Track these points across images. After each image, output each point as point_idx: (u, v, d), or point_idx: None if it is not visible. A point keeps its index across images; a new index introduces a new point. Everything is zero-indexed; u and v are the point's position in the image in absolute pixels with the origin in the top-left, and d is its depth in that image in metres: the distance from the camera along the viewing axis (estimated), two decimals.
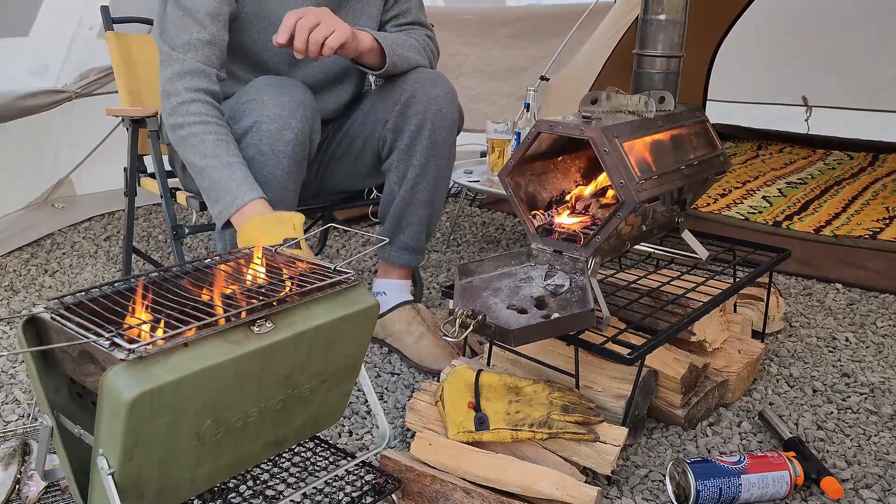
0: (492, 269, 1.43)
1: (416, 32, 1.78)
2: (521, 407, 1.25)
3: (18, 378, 1.63)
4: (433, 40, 1.81)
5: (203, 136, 1.49)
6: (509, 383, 1.31)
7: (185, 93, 1.51)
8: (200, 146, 1.49)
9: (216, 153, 1.48)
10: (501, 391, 1.29)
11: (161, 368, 0.80)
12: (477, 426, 1.24)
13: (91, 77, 2.62)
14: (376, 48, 1.61)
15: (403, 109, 1.65)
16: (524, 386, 1.30)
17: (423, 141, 1.66)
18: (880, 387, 1.65)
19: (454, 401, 1.28)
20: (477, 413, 1.25)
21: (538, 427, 1.22)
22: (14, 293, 2.14)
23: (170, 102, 1.53)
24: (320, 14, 1.49)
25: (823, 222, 2.71)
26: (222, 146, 1.49)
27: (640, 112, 1.48)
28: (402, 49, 1.66)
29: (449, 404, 1.28)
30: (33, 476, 1.20)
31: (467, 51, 3.79)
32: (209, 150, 1.48)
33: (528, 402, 1.26)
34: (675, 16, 1.54)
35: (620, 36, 2.91)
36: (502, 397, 1.28)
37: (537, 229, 1.44)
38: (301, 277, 1.01)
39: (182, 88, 1.51)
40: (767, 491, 1.23)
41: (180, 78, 1.52)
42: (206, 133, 1.49)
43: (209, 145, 1.48)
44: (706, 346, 1.53)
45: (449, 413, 1.27)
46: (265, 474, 1.16)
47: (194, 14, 1.53)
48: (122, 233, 2.56)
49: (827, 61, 4.01)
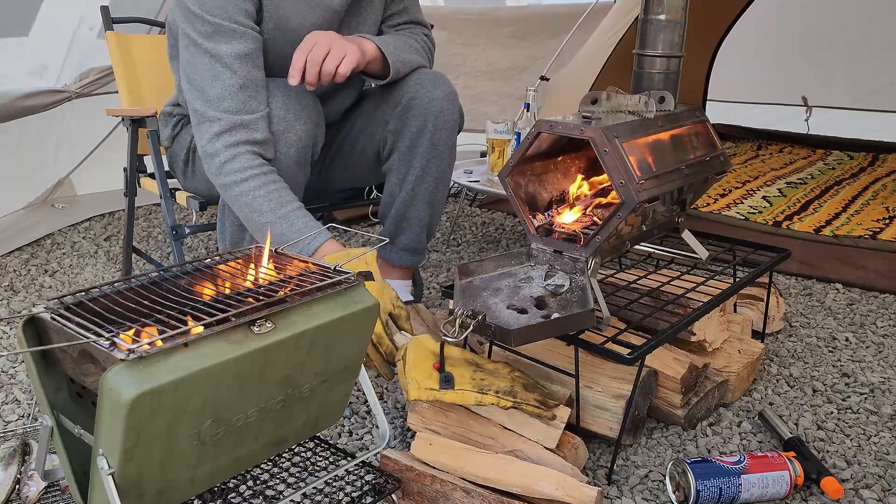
0: (492, 269, 1.43)
1: (414, 31, 1.77)
2: (485, 376, 1.24)
3: (18, 378, 1.63)
4: (430, 38, 1.81)
5: (254, 193, 1.45)
6: (470, 358, 1.30)
7: (225, 151, 1.46)
8: (254, 203, 1.45)
9: (270, 207, 1.44)
10: (464, 363, 1.28)
11: (161, 368, 0.80)
12: (442, 384, 1.21)
13: (91, 77, 2.62)
14: (379, 56, 1.60)
15: (404, 111, 1.65)
16: (485, 363, 1.29)
17: (424, 143, 1.66)
18: (880, 387, 1.65)
19: (417, 363, 1.25)
20: (442, 373, 1.23)
21: (503, 395, 1.22)
22: (14, 293, 2.14)
23: (214, 164, 1.48)
24: (328, 42, 1.47)
25: (823, 222, 2.71)
26: (274, 198, 1.45)
27: (640, 112, 1.48)
28: (404, 53, 1.66)
29: (411, 366, 1.25)
30: (33, 476, 1.20)
31: (467, 51, 3.80)
32: (263, 206, 1.45)
33: (491, 373, 1.26)
34: (675, 16, 1.54)
35: (620, 36, 2.91)
36: (464, 367, 1.26)
37: (537, 229, 1.44)
38: (301, 277, 1.01)
39: (221, 147, 1.47)
40: (767, 491, 1.23)
41: (218, 137, 1.47)
42: (255, 189, 1.45)
43: (261, 201, 1.45)
44: (706, 346, 1.53)
45: (410, 373, 1.24)
46: (265, 474, 1.16)
47: (223, 60, 1.47)
48: (122, 233, 2.56)
49: (827, 61, 4.01)
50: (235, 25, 1.47)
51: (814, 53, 4.02)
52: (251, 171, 1.46)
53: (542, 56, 3.49)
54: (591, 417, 1.36)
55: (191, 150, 1.74)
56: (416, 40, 1.74)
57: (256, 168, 1.47)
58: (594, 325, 1.27)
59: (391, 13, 1.77)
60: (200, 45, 1.48)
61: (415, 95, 1.64)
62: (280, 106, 1.50)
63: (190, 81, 1.51)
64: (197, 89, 1.49)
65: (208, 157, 1.49)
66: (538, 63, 3.47)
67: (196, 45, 1.48)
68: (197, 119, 1.50)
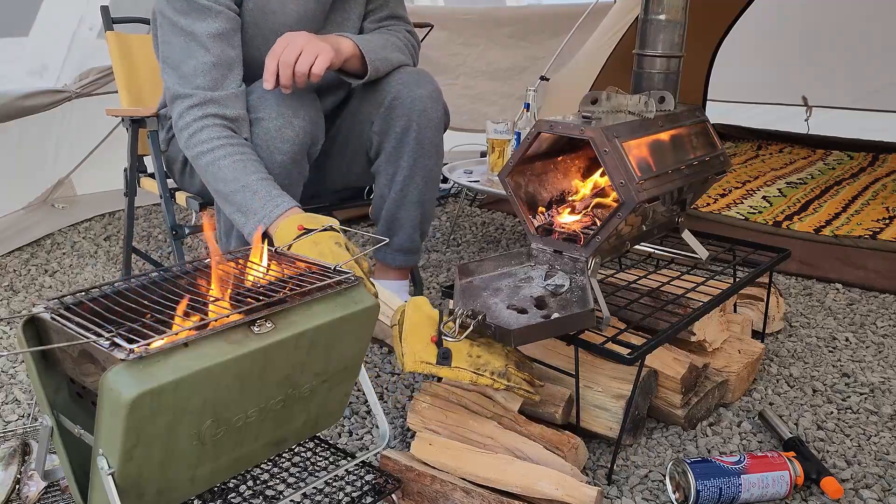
0: (492, 269, 1.43)
1: (396, 28, 1.75)
2: (482, 352, 1.23)
3: (18, 378, 1.63)
4: (413, 34, 1.79)
5: (219, 164, 1.45)
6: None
7: (194, 123, 1.47)
8: (219, 173, 1.45)
9: (234, 176, 1.44)
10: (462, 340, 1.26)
11: (161, 368, 0.80)
12: (440, 360, 1.20)
13: (91, 77, 2.62)
14: (358, 54, 1.58)
15: (388, 111, 1.64)
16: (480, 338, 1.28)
17: (410, 142, 1.65)
18: (880, 387, 1.65)
19: (414, 330, 1.23)
20: (440, 347, 1.21)
21: (499, 377, 1.22)
22: (14, 293, 2.14)
23: (184, 137, 1.49)
24: (300, 42, 1.46)
25: (823, 222, 2.71)
26: (239, 167, 1.44)
27: (640, 112, 1.48)
28: (383, 51, 1.64)
29: (408, 332, 1.22)
30: (33, 476, 1.20)
31: (467, 51, 3.80)
32: (227, 175, 1.44)
33: (488, 347, 1.25)
34: (675, 16, 1.54)
35: (620, 36, 2.91)
36: (463, 341, 1.24)
37: (537, 229, 1.44)
38: (301, 277, 1.01)
39: (191, 120, 1.47)
40: (767, 491, 1.23)
41: (189, 111, 1.48)
42: (220, 159, 1.45)
43: (226, 171, 1.44)
44: (706, 346, 1.53)
45: (407, 340, 1.22)
46: (265, 474, 1.16)
47: (197, 38, 1.48)
48: (122, 233, 2.56)
49: (827, 61, 4.01)
50: (211, 3, 1.49)
51: (814, 53, 4.02)
52: (218, 142, 1.46)
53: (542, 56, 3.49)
54: (591, 417, 1.36)
55: None
56: (398, 38, 1.72)
57: (224, 139, 1.47)
58: (594, 325, 1.27)
59: (371, 8, 1.75)
60: (176, 23, 1.49)
61: (397, 95, 1.63)
62: (279, 101, 1.50)
63: (165, 60, 1.53)
64: (171, 67, 1.51)
65: (179, 132, 1.50)
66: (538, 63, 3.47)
67: (171, 24, 1.50)
68: (171, 96, 1.52)
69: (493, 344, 1.26)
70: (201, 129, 1.47)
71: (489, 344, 1.25)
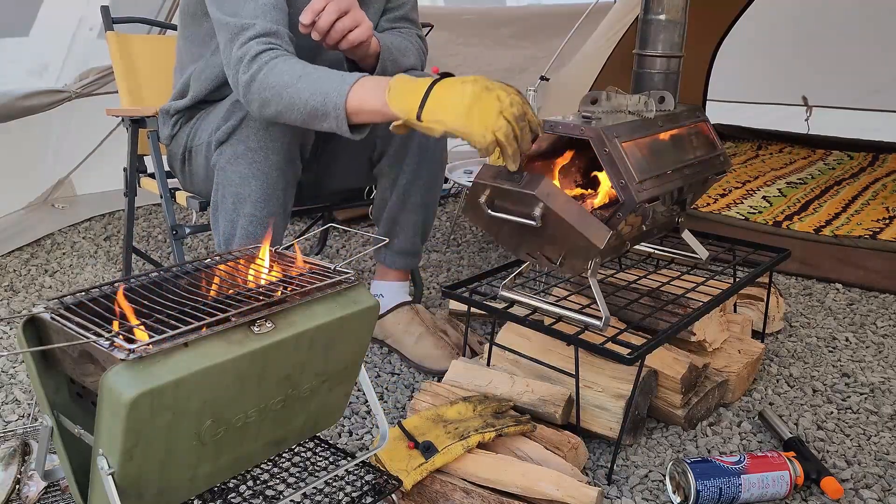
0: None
1: (408, 32, 1.76)
2: (457, 424, 1.25)
3: (18, 378, 1.63)
4: (423, 40, 1.80)
5: (282, 68, 1.38)
6: (431, 416, 1.29)
7: (256, 46, 1.40)
8: (284, 76, 1.37)
9: (304, 71, 1.36)
10: (429, 425, 1.26)
11: (161, 368, 0.80)
12: (425, 454, 1.19)
13: (91, 77, 2.62)
14: (377, 52, 1.59)
15: None
16: (445, 412, 1.30)
17: (414, 146, 1.65)
18: (880, 387, 1.65)
19: (391, 455, 1.21)
20: (418, 446, 1.21)
21: (485, 430, 1.23)
22: (14, 293, 2.14)
23: (242, 65, 1.41)
24: (351, 3, 1.44)
25: (823, 222, 2.71)
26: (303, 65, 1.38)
27: (640, 112, 1.48)
28: (397, 53, 1.64)
29: (388, 461, 1.21)
30: (33, 476, 1.20)
31: (467, 51, 3.80)
32: (296, 72, 1.36)
33: (459, 419, 1.27)
34: (675, 16, 1.54)
35: (620, 36, 2.91)
36: (433, 428, 1.25)
37: None
38: (301, 277, 1.01)
39: (253, 45, 1.40)
40: (767, 491, 1.23)
41: (248, 41, 1.41)
42: (284, 64, 1.38)
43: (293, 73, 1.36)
44: (706, 346, 1.53)
45: (392, 467, 1.20)
46: (265, 474, 1.16)
47: None
48: (122, 233, 2.56)
49: (827, 61, 4.01)
50: None
51: (814, 53, 4.02)
52: (278, 54, 1.40)
53: (542, 56, 3.50)
54: (591, 417, 1.36)
55: (188, 149, 1.73)
56: (411, 42, 1.72)
57: (284, 52, 1.41)
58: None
59: (390, 7, 1.75)
60: None
61: None
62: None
63: (220, 8, 1.47)
64: (229, 14, 1.45)
65: (238, 62, 1.42)
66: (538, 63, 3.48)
67: None
68: (229, 34, 1.44)
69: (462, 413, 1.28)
70: (261, 51, 1.40)
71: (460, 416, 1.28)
